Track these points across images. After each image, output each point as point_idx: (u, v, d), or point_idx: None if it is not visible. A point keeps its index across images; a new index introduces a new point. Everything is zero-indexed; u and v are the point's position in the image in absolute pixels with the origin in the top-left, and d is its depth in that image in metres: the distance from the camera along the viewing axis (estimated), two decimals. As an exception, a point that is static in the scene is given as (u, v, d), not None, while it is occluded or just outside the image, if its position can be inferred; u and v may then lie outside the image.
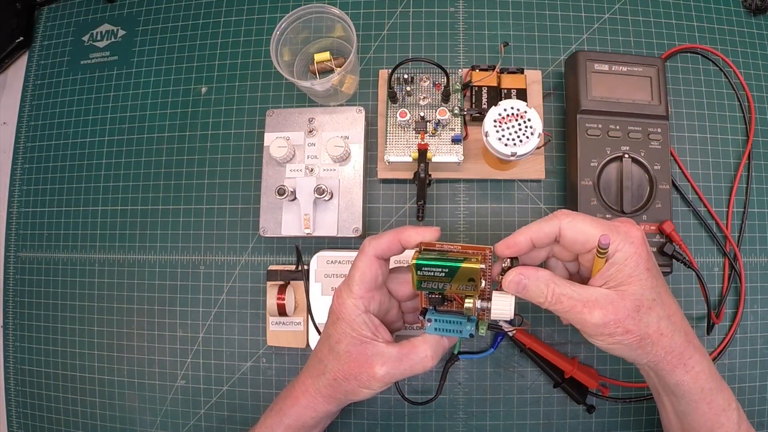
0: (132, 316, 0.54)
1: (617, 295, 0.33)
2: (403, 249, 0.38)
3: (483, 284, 0.35)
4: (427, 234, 0.37)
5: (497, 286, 0.37)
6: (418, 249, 0.37)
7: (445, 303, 0.37)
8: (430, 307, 0.38)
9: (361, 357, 0.36)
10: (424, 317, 0.38)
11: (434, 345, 0.37)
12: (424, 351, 0.36)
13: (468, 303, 0.35)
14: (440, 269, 0.34)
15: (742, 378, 0.50)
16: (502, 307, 0.35)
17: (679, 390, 0.35)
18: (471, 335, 0.37)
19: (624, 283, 0.33)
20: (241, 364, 0.52)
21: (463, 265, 0.34)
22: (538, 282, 0.34)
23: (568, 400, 0.49)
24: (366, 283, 0.37)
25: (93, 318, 0.55)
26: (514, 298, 0.36)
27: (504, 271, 0.37)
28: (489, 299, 0.36)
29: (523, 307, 0.50)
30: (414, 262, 0.35)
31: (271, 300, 0.48)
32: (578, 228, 0.34)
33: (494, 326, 0.47)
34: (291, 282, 0.50)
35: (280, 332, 0.50)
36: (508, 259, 0.37)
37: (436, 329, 0.37)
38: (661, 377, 0.35)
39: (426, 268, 0.34)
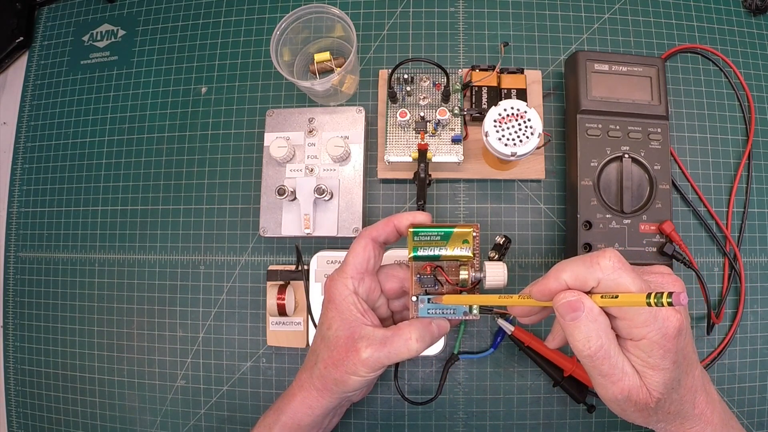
0: (132, 316, 0.54)
1: (640, 380, 0.31)
2: (398, 233, 0.39)
3: (474, 257, 0.37)
4: (419, 217, 0.38)
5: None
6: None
7: (437, 287, 0.38)
8: (422, 293, 0.38)
9: (349, 341, 0.36)
10: (417, 301, 0.38)
11: (420, 329, 0.37)
12: (408, 333, 0.36)
13: (463, 274, 0.37)
14: (436, 234, 0.37)
15: (742, 378, 0.50)
16: (496, 273, 0.37)
17: None
18: (465, 313, 0.38)
19: (647, 371, 0.31)
20: (241, 364, 0.52)
21: (456, 229, 0.37)
22: (594, 325, 0.29)
23: (568, 400, 0.49)
24: (357, 265, 0.38)
25: (93, 318, 0.55)
26: (505, 265, 0.38)
27: (491, 259, 0.39)
28: (481, 270, 0.38)
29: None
30: (411, 230, 0.37)
31: (271, 300, 0.48)
32: (620, 284, 0.29)
33: (486, 310, 0.48)
34: (291, 282, 0.50)
35: (280, 332, 0.50)
36: (501, 238, 0.40)
37: (429, 311, 0.38)
38: None
39: (423, 234, 0.37)
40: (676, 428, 0.34)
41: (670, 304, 0.24)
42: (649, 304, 0.25)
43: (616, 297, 0.28)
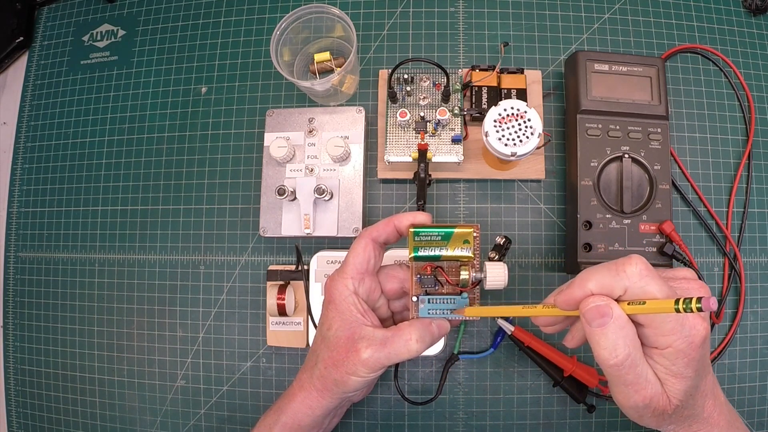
0: (132, 316, 0.54)
1: (661, 387, 0.31)
2: (398, 234, 0.39)
3: (474, 257, 0.37)
4: (419, 217, 0.38)
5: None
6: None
7: (437, 287, 0.38)
8: (422, 293, 0.39)
9: (348, 341, 0.36)
10: (417, 301, 0.38)
11: (420, 329, 0.37)
12: (408, 334, 0.36)
13: (464, 275, 0.37)
14: (436, 234, 0.37)
15: (742, 378, 0.50)
16: (496, 274, 0.37)
17: None
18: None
19: (669, 378, 0.30)
20: (241, 364, 0.52)
21: (457, 229, 0.37)
22: (622, 332, 0.28)
23: (568, 400, 0.49)
24: (358, 265, 0.38)
25: (93, 318, 0.55)
26: (505, 265, 0.37)
27: (491, 259, 0.39)
28: (481, 270, 0.38)
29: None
30: (412, 230, 0.37)
31: (271, 300, 0.48)
32: (647, 291, 0.28)
33: None
34: (291, 282, 0.50)
35: (280, 332, 0.50)
36: (501, 238, 0.40)
37: (429, 311, 0.38)
38: None
39: (423, 234, 0.37)
40: (684, 430, 0.34)
41: (699, 309, 0.24)
42: (677, 310, 0.25)
43: (644, 303, 0.28)
